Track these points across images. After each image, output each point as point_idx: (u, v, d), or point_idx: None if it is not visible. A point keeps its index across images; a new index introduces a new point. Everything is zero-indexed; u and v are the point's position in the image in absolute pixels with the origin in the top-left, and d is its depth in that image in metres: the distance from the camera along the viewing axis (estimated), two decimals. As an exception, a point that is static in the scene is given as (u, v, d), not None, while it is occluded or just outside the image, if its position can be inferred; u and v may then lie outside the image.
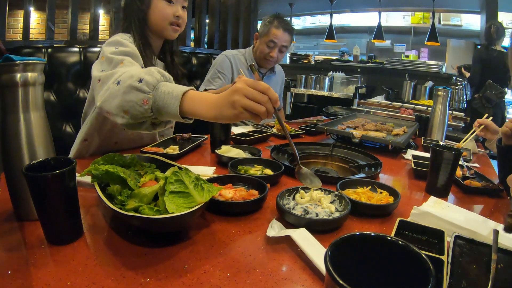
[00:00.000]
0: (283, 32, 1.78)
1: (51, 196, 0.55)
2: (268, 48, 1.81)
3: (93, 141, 1.11)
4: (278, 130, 1.52)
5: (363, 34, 5.36)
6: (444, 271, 0.50)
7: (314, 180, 0.73)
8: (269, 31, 1.79)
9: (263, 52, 1.82)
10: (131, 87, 0.71)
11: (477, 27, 4.21)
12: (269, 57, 1.82)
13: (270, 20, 1.81)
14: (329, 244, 0.35)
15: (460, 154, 0.88)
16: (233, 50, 1.96)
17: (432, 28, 3.98)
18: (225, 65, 1.82)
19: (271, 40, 1.78)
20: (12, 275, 0.48)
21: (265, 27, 1.81)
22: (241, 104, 0.61)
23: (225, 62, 1.83)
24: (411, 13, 4.83)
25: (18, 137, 0.61)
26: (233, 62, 1.84)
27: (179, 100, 0.68)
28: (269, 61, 1.86)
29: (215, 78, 1.80)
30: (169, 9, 1.11)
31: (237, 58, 1.87)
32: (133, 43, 1.05)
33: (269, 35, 1.79)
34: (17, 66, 0.59)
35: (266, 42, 1.80)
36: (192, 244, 0.60)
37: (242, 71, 1.82)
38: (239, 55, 1.89)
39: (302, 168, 0.74)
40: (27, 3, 1.93)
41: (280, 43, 1.80)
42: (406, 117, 2.05)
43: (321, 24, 5.62)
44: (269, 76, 2.00)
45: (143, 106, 0.70)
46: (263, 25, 1.84)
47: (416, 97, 3.81)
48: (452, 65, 3.94)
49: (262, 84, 0.62)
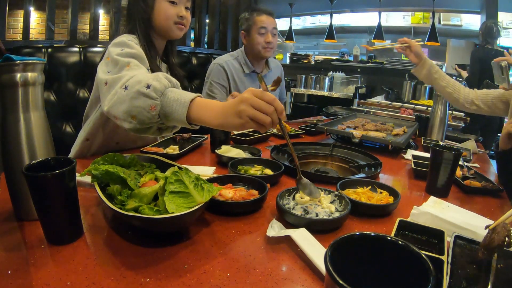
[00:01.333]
0: (267, 17, 1.78)
1: (51, 196, 0.55)
2: (261, 35, 1.78)
3: (95, 141, 1.12)
4: (278, 130, 1.52)
5: (363, 34, 5.36)
6: (444, 271, 0.50)
7: (314, 191, 0.74)
8: (254, 21, 1.78)
9: (258, 42, 1.78)
10: (139, 92, 0.72)
11: (477, 27, 4.20)
12: (266, 44, 1.79)
13: (249, 13, 1.81)
14: (329, 244, 0.35)
15: (460, 154, 0.88)
16: (224, 55, 1.90)
17: (432, 28, 3.97)
18: (220, 75, 1.79)
19: (261, 26, 1.76)
20: (12, 275, 0.48)
21: (248, 20, 1.80)
22: (247, 114, 0.62)
23: (220, 71, 1.79)
24: (411, 13, 4.83)
25: (18, 137, 0.61)
26: (227, 70, 1.80)
27: (186, 107, 0.69)
28: (268, 49, 1.81)
29: (214, 90, 1.77)
30: (172, 9, 1.11)
31: (230, 65, 1.82)
32: (138, 44, 1.05)
33: (257, 24, 1.77)
34: (17, 66, 0.59)
35: (257, 31, 1.77)
36: (192, 244, 0.60)
37: (239, 78, 1.80)
38: (232, 61, 1.85)
39: (303, 178, 0.75)
40: (27, 3, 1.93)
41: (270, 27, 1.79)
42: (406, 117, 2.05)
43: (321, 24, 5.61)
44: (266, 75, 1.95)
45: (151, 112, 0.71)
46: (244, 20, 1.83)
47: (416, 97, 3.81)
48: (452, 65, 3.93)
49: (268, 94, 0.63)
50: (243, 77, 1.84)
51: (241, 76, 1.84)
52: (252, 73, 1.87)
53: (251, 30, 1.79)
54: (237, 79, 1.82)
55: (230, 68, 1.82)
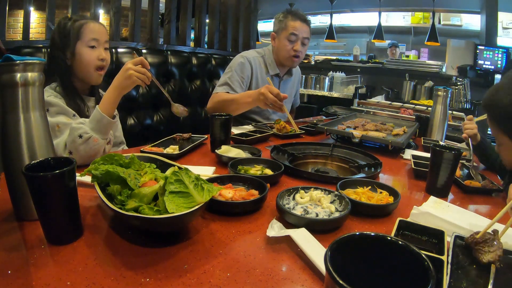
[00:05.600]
0: (301, 23, 1.69)
1: (51, 196, 0.55)
2: (290, 43, 1.69)
3: None
4: (278, 130, 1.52)
5: (363, 34, 5.36)
6: (444, 271, 0.50)
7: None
8: (286, 25, 1.68)
9: (286, 48, 1.70)
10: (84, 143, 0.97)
11: (477, 27, 4.20)
12: (294, 52, 1.71)
13: (284, 15, 1.71)
14: (329, 244, 0.35)
15: (460, 154, 0.88)
16: (251, 51, 1.84)
17: (432, 28, 3.97)
18: (245, 68, 1.71)
19: (292, 33, 1.67)
20: (12, 275, 0.48)
21: (281, 22, 1.71)
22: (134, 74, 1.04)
23: (246, 65, 1.72)
24: (411, 13, 4.83)
25: (18, 137, 0.61)
26: (253, 66, 1.74)
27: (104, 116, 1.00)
28: (295, 58, 1.74)
29: (235, 82, 1.68)
30: (92, 53, 1.16)
31: (256, 62, 1.76)
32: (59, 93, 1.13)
33: (288, 29, 1.68)
34: (17, 66, 0.59)
35: (287, 36, 1.68)
36: (192, 244, 0.60)
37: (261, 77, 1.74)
38: (258, 58, 1.78)
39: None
40: (27, 3, 1.93)
41: (302, 35, 1.70)
42: (406, 117, 2.05)
43: (321, 24, 5.61)
44: (286, 81, 1.91)
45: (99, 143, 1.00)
46: (278, 22, 1.73)
47: (416, 97, 3.81)
48: (452, 65, 3.93)
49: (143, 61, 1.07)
50: (265, 78, 1.78)
51: (263, 76, 1.78)
52: (274, 76, 1.82)
53: (281, 33, 1.72)
54: (260, 78, 1.76)
55: (256, 66, 1.76)
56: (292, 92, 2.01)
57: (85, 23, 1.15)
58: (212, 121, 1.18)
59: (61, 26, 1.15)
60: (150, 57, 1.90)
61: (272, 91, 1.43)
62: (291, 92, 1.99)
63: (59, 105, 1.07)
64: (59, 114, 1.06)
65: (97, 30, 1.18)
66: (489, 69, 3.70)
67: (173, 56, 2.02)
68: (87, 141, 0.97)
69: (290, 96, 1.98)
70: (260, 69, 1.79)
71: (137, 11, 2.28)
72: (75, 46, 1.14)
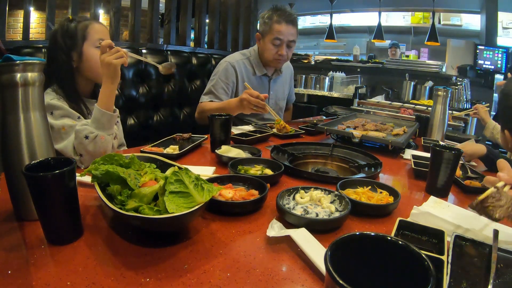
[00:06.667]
0: (286, 26, 1.64)
1: (51, 196, 0.55)
2: (274, 47, 1.67)
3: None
4: (278, 130, 1.52)
5: (363, 34, 5.36)
6: (444, 271, 0.50)
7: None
8: (271, 28, 1.65)
9: (270, 52, 1.68)
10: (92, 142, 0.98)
11: (477, 27, 4.21)
12: (278, 56, 1.69)
13: (269, 16, 1.67)
14: (329, 244, 0.35)
15: (460, 154, 0.88)
16: (236, 54, 1.82)
17: (432, 28, 3.97)
18: (229, 73, 1.70)
19: (276, 37, 1.64)
20: (12, 275, 0.48)
21: (266, 24, 1.67)
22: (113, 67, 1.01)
23: (229, 70, 1.70)
24: (411, 13, 4.83)
25: (18, 137, 0.61)
26: (238, 70, 1.72)
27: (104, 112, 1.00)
28: (279, 61, 1.72)
29: (219, 89, 1.68)
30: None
31: (241, 65, 1.74)
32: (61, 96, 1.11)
33: (273, 33, 1.64)
34: (17, 66, 0.59)
35: (271, 40, 1.65)
36: (192, 244, 0.60)
37: (248, 80, 1.73)
38: (243, 60, 1.76)
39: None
40: (27, 3, 1.93)
41: (286, 38, 1.65)
42: (406, 117, 2.05)
43: (321, 24, 5.61)
44: (276, 79, 1.89)
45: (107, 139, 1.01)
46: (263, 23, 1.70)
47: (416, 97, 3.81)
48: (452, 65, 3.93)
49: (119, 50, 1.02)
50: (253, 79, 1.78)
51: (251, 77, 1.77)
52: (263, 76, 1.82)
53: (266, 36, 1.68)
54: (247, 80, 1.75)
55: (241, 69, 1.74)
56: (285, 89, 1.98)
57: (89, 23, 1.15)
58: (212, 121, 1.18)
59: (64, 27, 1.13)
60: (150, 57, 1.90)
61: (252, 94, 1.46)
62: (283, 89, 1.97)
63: (63, 108, 1.07)
64: (64, 116, 1.06)
65: (102, 31, 1.18)
66: (489, 69, 3.70)
67: (173, 56, 2.02)
68: (94, 140, 0.97)
69: (283, 94, 1.98)
70: (246, 72, 1.76)
71: (137, 11, 2.29)
72: (82, 47, 1.13)
